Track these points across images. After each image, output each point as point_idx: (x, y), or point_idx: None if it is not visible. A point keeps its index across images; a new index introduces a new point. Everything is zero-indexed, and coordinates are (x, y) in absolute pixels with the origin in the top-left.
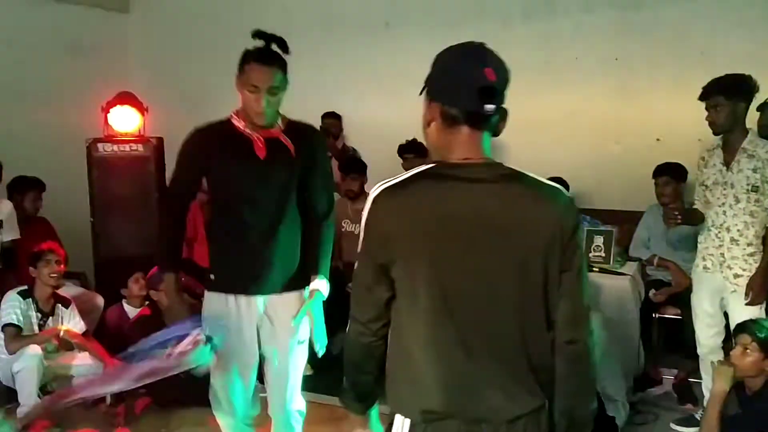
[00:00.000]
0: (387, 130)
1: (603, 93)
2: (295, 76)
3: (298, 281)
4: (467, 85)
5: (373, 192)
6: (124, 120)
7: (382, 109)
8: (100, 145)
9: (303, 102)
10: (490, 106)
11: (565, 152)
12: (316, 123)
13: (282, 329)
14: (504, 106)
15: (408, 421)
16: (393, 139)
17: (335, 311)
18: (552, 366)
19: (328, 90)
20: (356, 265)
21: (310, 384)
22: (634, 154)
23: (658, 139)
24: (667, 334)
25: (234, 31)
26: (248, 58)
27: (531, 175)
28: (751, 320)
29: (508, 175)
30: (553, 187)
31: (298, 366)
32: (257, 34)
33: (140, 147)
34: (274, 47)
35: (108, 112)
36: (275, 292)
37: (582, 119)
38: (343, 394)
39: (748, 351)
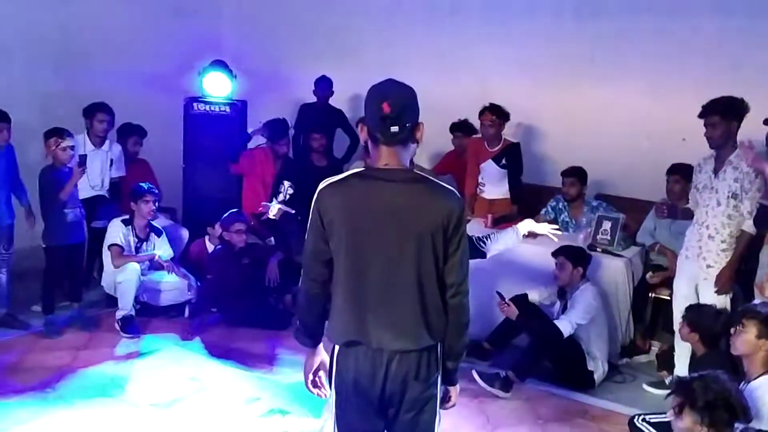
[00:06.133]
0: (441, 108)
1: (638, 91)
2: (362, 53)
3: None
4: (374, 116)
5: (321, 185)
6: (216, 84)
7: (439, 88)
8: (194, 104)
9: (367, 77)
10: (394, 129)
11: (597, 142)
12: None
13: None
14: (419, 121)
15: (338, 346)
16: (446, 117)
17: None
18: (443, 316)
19: (392, 67)
20: (306, 236)
21: None
22: (660, 150)
23: (684, 139)
24: (661, 312)
25: (313, 6)
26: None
27: (433, 179)
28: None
29: (415, 178)
30: (448, 188)
31: None
32: None
33: (227, 108)
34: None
35: (203, 75)
36: None
37: (616, 113)
38: (296, 332)
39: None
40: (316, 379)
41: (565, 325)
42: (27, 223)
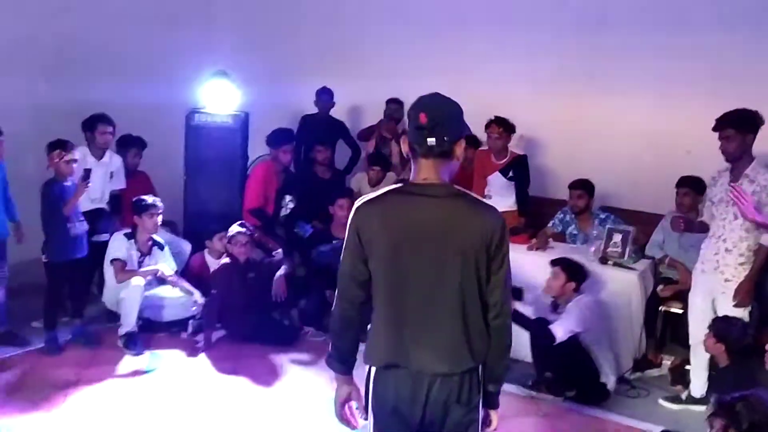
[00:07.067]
0: None
1: (642, 105)
2: (365, 63)
3: None
4: (413, 126)
5: (357, 203)
6: (219, 94)
7: None
8: (196, 116)
9: (367, 89)
10: (431, 140)
11: (601, 154)
12: (381, 108)
13: None
14: (459, 139)
15: (375, 369)
16: None
17: None
18: (485, 337)
19: (394, 78)
20: (342, 256)
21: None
22: (664, 163)
23: (688, 152)
24: (671, 325)
25: (314, 14)
26: None
27: (472, 194)
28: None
29: (455, 194)
30: (488, 205)
31: None
32: None
33: (230, 120)
34: None
35: (205, 87)
36: None
37: (620, 127)
38: (328, 357)
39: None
40: (346, 410)
41: (558, 330)
42: (15, 236)
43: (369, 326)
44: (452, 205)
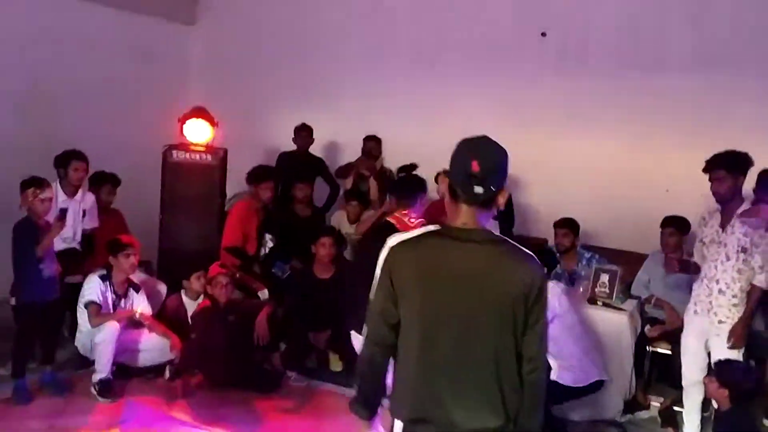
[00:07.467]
0: (424, 156)
1: (621, 144)
2: (342, 100)
3: None
4: (461, 171)
5: (392, 241)
6: (197, 131)
7: (420, 136)
8: (174, 152)
9: (347, 124)
10: (478, 189)
11: (582, 194)
12: (358, 145)
13: None
14: (503, 188)
15: (400, 423)
16: (429, 165)
17: None
18: (519, 392)
19: (372, 115)
20: (373, 295)
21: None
22: (644, 202)
23: (667, 191)
24: (658, 366)
25: (292, 51)
26: None
27: (512, 242)
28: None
29: (494, 240)
30: (528, 253)
31: None
32: None
33: (209, 156)
34: None
35: (184, 123)
36: None
37: (600, 166)
38: (352, 401)
39: None
40: None
41: None
42: None
43: (393, 376)
44: (491, 251)
